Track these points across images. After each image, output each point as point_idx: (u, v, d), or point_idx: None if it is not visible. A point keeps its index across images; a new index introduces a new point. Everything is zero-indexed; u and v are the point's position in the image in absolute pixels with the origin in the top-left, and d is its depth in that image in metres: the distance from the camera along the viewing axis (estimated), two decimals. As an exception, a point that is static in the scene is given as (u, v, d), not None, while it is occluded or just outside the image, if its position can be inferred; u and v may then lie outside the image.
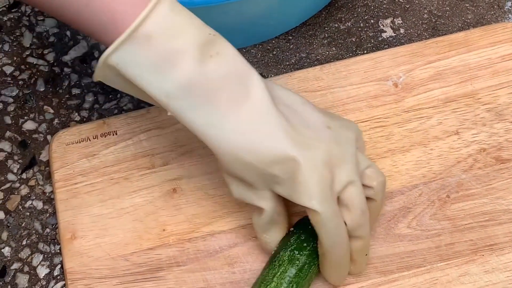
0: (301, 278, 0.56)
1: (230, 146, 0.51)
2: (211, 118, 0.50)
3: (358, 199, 0.53)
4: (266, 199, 0.53)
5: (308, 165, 0.50)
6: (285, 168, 0.51)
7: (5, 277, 0.64)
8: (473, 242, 0.60)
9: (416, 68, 0.68)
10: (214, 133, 0.51)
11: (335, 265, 0.56)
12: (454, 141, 0.64)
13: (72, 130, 0.68)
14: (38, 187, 0.68)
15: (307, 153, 0.51)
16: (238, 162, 0.51)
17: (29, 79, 0.73)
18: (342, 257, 0.55)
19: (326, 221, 0.51)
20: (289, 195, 0.52)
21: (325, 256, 0.55)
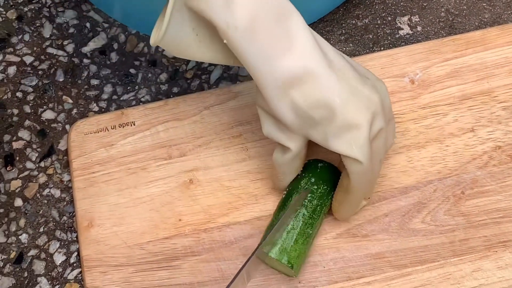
0: (315, 219, 0.59)
1: (280, 83, 0.51)
2: (265, 53, 0.51)
3: (382, 150, 0.55)
4: (295, 141, 0.55)
5: (352, 111, 0.52)
6: (327, 113, 0.52)
7: (22, 263, 0.65)
8: (487, 238, 0.61)
9: (433, 65, 0.68)
10: (267, 68, 0.51)
11: (354, 204, 0.59)
12: (470, 138, 0.65)
13: (90, 120, 0.69)
14: (56, 176, 0.69)
15: (353, 99, 0.52)
16: (284, 100, 0.52)
17: (48, 69, 0.74)
18: (362, 197, 0.58)
19: (366, 170, 0.53)
20: (324, 140, 0.53)
21: (348, 197, 0.57)
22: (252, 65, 0.51)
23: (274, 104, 0.52)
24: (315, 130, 0.53)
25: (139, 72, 0.74)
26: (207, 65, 0.73)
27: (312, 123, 0.52)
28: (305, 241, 0.58)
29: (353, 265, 0.61)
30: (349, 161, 0.53)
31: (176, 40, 0.53)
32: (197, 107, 0.68)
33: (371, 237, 0.62)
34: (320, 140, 0.53)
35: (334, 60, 0.53)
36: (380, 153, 0.55)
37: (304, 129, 0.53)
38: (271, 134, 0.55)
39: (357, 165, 0.53)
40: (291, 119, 0.53)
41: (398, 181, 0.63)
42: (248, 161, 0.66)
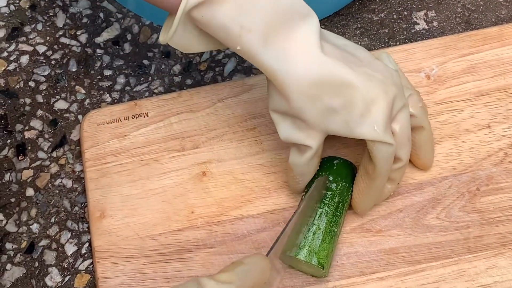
0: (338, 217, 0.59)
1: (297, 79, 0.52)
2: (279, 53, 0.51)
3: (407, 129, 0.55)
4: (314, 138, 0.54)
5: (370, 96, 0.52)
6: (347, 100, 0.52)
7: (33, 253, 0.65)
8: (502, 235, 0.60)
9: (449, 60, 0.68)
10: (282, 67, 0.51)
11: (377, 192, 0.58)
12: (486, 135, 0.64)
13: (103, 111, 0.68)
14: (68, 166, 0.68)
15: (369, 83, 0.53)
16: (304, 96, 0.52)
17: (61, 59, 0.74)
18: (384, 182, 0.58)
19: (389, 150, 0.54)
20: (347, 129, 0.53)
21: (372, 184, 0.57)
22: (270, 68, 0.52)
23: (299, 104, 0.52)
24: (335, 122, 0.53)
25: (153, 63, 0.73)
26: (221, 57, 0.73)
27: (333, 114, 0.52)
28: (332, 239, 0.57)
29: (367, 260, 0.60)
30: (373, 144, 0.53)
31: (182, 41, 0.54)
32: (211, 99, 0.68)
33: (385, 233, 0.61)
34: (342, 130, 0.53)
35: (349, 51, 0.54)
36: (406, 133, 0.55)
37: (324, 123, 0.53)
38: (289, 136, 0.55)
39: (382, 146, 0.53)
40: (314, 116, 0.53)
41: (412, 177, 0.63)
42: (262, 154, 0.65)
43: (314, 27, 0.52)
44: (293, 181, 0.60)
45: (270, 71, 0.52)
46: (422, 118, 0.58)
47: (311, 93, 0.52)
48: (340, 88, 0.52)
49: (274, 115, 0.55)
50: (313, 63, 0.52)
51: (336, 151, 0.64)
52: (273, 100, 0.54)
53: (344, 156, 0.62)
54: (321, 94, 0.52)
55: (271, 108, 0.55)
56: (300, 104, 0.52)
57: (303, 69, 0.51)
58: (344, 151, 0.64)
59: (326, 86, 0.52)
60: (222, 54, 0.73)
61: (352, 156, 0.64)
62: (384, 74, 0.54)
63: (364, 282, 0.59)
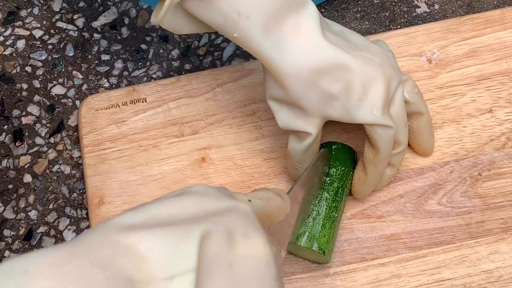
0: (338, 202, 0.58)
1: (294, 67, 0.51)
2: (277, 41, 0.51)
3: (402, 113, 0.55)
4: (313, 125, 0.54)
5: (368, 80, 0.52)
6: (345, 85, 0.51)
7: (31, 240, 0.64)
8: (504, 220, 0.60)
9: (450, 44, 0.67)
10: (279, 55, 0.51)
11: (377, 176, 0.57)
12: (488, 119, 0.64)
13: (101, 96, 0.68)
14: (65, 152, 0.68)
15: (367, 67, 0.52)
16: (301, 84, 0.51)
17: (58, 43, 0.73)
18: (385, 167, 0.57)
19: (389, 133, 0.53)
20: (346, 115, 0.53)
21: (372, 168, 0.56)
22: (268, 56, 0.51)
23: (297, 92, 0.52)
24: (333, 107, 0.52)
25: (151, 48, 0.72)
26: (219, 41, 0.72)
27: (331, 100, 0.52)
28: (332, 225, 0.57)
29: (368, 246, 0.60)
30: (372, 129, 0.53)
31: (172, 24, 0.53)
32: (210, 84, 0.67)
33: (386, 218, 0.61)
34: (341, 116, 0.53)
35: (345, 37, 0.54)
36: (402, 116, 0.55)
37: (322, 109, 0.53)
38: (288, 124, 0.55)
39: (381, 130, 0.53)
40: (312, 103, 0.52)
41: (414, 162, 0.63)
42: (261, 139, 0.65)
43: (313, 14, 0.51)
44: (292, 168, 0.59)
45: (268, 59, 0.51)
46: (419, 103, 0.57)
47: (309, 80, 0.51)
48: (338, 73, 0.51)
49: (271, 102, 0.55)
50: (312, 50, 0.51)
51: (337, 137, 0.64)
52: (270, 88, 0.54)
53: (345, 141, 0.62)
54: (319, 81, 0.51)
55: (269, 96, 0.54)
56: (298, 91, 0.52)
57: (301, 56, 0.51)
58: (345, 136, 0.64)
59: (324, 72, 0.51)
60: (221, 38, 0.72)
61: (353, 141, 0.63)
62: (381, 57, 0.54)
63: (365, 268, 0.59)
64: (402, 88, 0.55)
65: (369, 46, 0.55)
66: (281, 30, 0.51)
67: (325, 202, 0.57)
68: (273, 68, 0.51)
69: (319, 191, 0.58)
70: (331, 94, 0.52)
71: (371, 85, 0.52)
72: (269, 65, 0.52)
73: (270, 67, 0.52)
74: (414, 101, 0.57)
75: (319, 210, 0.57)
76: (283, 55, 0.51)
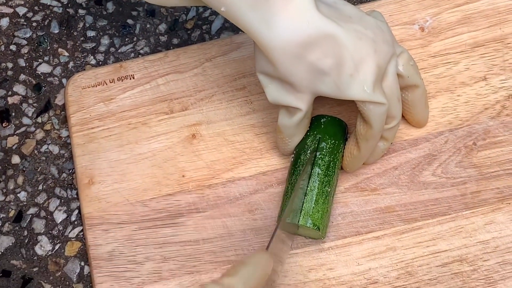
0: (330, 176, 0.57)
1: (282, 41, 0.50)
2: (265, 15, 0.49)
3: (396, 88, 0.54)
4: (303, 100, 0.53)
5: (359, 56, 0.50)
6: (335, 60, 0.50)
7: (21, 222, 0.63)
8: (500, 190, 0.59)
9: (443, 11, 0.65)
10: (267, 29, 0.49)
11: (368, 151, 0.56)
12: (482, 87, 0.63)
13: (88, 74, 0.66)
14: (53, 132, 0.67)
15: (359, 42, 0.51)
16: (289, 57, 0.50)
17: (42, 20, 0.71)
18: (376, 143, 0.56)
19: (381, 110, 0.52)
20: (337, 91, 0.51)
21: (363, 143, 0.55)
22: (257, 30, 0.50)
23: (286, 67, 0.51)
24: (324, 83, 0.51)
25: (137, 22, 0.71)
26: (208, 14, 0.71)
27: (321, 76, 0.51)
28: (326, 200, 0.56)
29: (362, 220, 0.59)
30: (363, 105, 0.52)
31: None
32: (199, 59, 0.66)
33: (380, 191, 0.60)
34: (331, 92, 0.52)
35: (338, 8, 0.53)
36: (395, 91, 0.54)
37: (312, 85, 0.51)
38: (278, 98, 0.54)
39: (373, 106, 0.52)
40: (301, 78, 0.51)
41: (407, 133, 0.61)
42: (252, 114, 0.64)
43: None
44: (282, 143, 0.58)
45: (256, 33, 0.50)
46: (414, 77, 0.56)
47: (298, 54, 0.50)
48: (328, 47, 0.50)
49: (261, 76, 0.53)
50: (302, 23, 0.49)
51: (330, 109, 0.63)
52: (260, 62, 0.52)
53: (338, 114, 0.61)
54: (308, 55, 0.50)
55: (258, 69, 0.53)
56: (286, 66, 0.51)
57: (290, 30, 0.49)
58: (337, 109, 0.63)
59: (314, 45, 0.50)
60: (209, 11, 0.71)
61: (346, 114, 0.62)
62: (374, 31, 0.52)
63: (360, 241, 0.58)
64: (395, 63, 0.54)
65: (363, 18, 0.53)
66: (269, 3, 0.49)
67: (317, 177, 0.56)
68: (261, 42, 0.50)
69: (311, 166, 0.57)
70: (321, 69, 0.50)
71: (362, 62, 0.51)
72: (257, 40, 0.50)
73: (258, 42, 0.50)
74: (409, 74, 0.55)
75: (311, 185, 0.56)
76: (271, 30, 0.49)
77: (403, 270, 0.57)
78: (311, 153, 0.57)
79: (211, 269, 0.58)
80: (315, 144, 0.58)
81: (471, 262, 0.57)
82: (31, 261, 0.62)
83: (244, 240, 0.59)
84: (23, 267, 0.62)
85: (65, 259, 0.62)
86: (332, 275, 0.57)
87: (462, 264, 0.57)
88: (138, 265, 0.59)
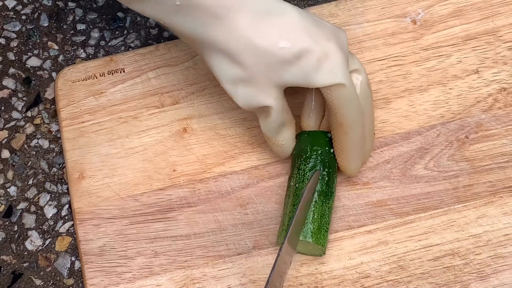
0: (331, 187, 0.57)
1: (241, 33, 0.50)
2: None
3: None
4: (272, 96, 0.53)
5: (324, 41, 0.51)
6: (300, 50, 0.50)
7: (12, 217, 0.63)
8: (492, 183, 0.59)
9: (435, 4, 0.65)
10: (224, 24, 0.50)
11: (357, 143, 0.55)
12: (474, 80, 0.62)
13: (78, 67, 0.66)
14: (43, 126, 0.66)
15: (318, 29, 0.51)
16: (249, 50, 0.50)
17: (32, 13, 0.71)
18: (362, 133, 0.55)
19: (353, 94, 0.52)
20: (305, 79, 0.51)
21: (347, 135, 0.54)
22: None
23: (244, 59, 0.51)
24: (290, 73, 0.51)
25: (128, 15, 0.70)
26: (198, 7, 0.70)
27: (285, 66, 0.51)
28: (328, 215, 0.56)
29: (354, 214, 0.59)
30: (335, 90, 0.51)
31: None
32: (190, 52, 0.65)
33: (372, 185, 0.60)
34: (300, 80, 0.51)
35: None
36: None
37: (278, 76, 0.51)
38: (248, 100, 0.53)
39: (343, 89, 0.51)
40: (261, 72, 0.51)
41: (399, 126, 0.61)
42: (244, 107, 0.63)
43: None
44: (278, 147, 0.58)
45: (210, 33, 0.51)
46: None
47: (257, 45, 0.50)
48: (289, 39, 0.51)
49: (227, 87, 0.53)
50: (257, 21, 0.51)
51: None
52: (223, 70, 0.52)
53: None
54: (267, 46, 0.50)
55: (224, 81, 0.53)
56: (247, 61, 0.51)
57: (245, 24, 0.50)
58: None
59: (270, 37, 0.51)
60: (200, 3, 0.70)
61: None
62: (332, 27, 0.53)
63: (352, 236, 0.58)
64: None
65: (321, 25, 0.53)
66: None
67: (316, 194, 0.56)
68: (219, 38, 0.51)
69: (312, 185, 0.56)
70: (287, 61, 0.50)
71: (328, 47, 0.51)
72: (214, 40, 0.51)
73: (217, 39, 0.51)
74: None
75: (314, 205, 0.56)
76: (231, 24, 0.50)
77: (395, 264, 0.57)
78: (311, 152, 0.57)
79: (202, 264, 0.58)
80: (312, 141, 0.57)
81: (463, 256, 0.57)
82: (21, 256, 0.62)
83: (236, 235, 0.59)
84: (13, 262, 0.62)
85: (56, 254, 0.62)
86: (324, 269, 0.57)
87: (454, 258, 0.57)
88: (129, 260, 0.59)
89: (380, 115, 0.62)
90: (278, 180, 0.60)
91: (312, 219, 0.55)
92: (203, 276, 0.58)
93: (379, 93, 0.62)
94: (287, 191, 0.58)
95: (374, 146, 0.61)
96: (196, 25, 0.51)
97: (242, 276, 0.58)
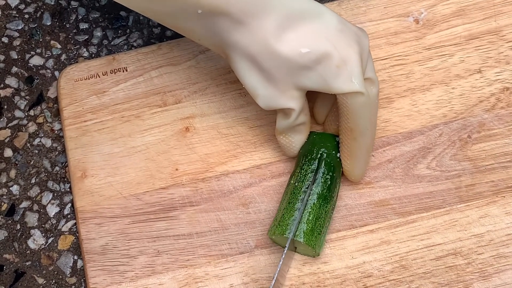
0: (332, 191, 0.56)
1: (262, 38, 0.50)
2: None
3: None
4: (294, 98, 0.53)
5: (344, 47, 0.50)
6: (320, 55, 0.50)
7: (14, 216, 0.63)
8: (494, 183, 0.59)
9: (438, 3, 0.65)
10: (247, 29, 0.50)
11: (364, 150, 0.56)
12: (477, 80, 0.62)
13: (80, 66, 0.66)
14: (46, 125, 0.66)
15: (341, 34, 0.51)
16: (270, 55, 0.50)
17: (35, 12, 0.71)
18: (371, 141, 0.55)
19: (368, 102, 0.52)
20: (324, 84, 0.51)
21: (356, 142, 0.54)
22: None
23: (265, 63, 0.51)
24: (309, 79, 0.51)
25: (130, 14, 0.70)
26: (201, 6, 0.70)
27: (305, 71, 0.51)
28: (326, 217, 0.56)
29: (356, 213, 0.59)
30: (351, 97, 0.51)
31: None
32: (192, 51, 0.65)
33: (374, 184, 0.60)
34: (319, 85, 0.51)
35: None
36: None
37: (297, 80, 0.51)
38: (269, 102, 0.53)
39: (360, 97, 0.51)
40: (282, 76, 0.51)
41: (402, 126, 0.61)
42: (246, 107, 0.63)
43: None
44: (288, 145, 0.58)
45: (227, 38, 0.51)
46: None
47: (277, 51, 0.50)
48: (312, 46, 0.50)
49: (248, 86, 0.53)
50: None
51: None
52: (243, 69, 0.52)
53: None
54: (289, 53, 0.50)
55: (245, 80, 0.53)
56: (267, 65, 0.51)
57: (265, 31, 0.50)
58: (331, 101, 0.62)
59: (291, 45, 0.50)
60: (203, 3, 0.70)
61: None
62: (356, 29, 0.53)
63: (354, 235, 0.58)
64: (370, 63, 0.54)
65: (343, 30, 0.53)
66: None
67: (328, 178, 0.56)
68: (242, 44, 0.51)
69: (312, 186, 0.56)
70: (306, 66, 0.50)
71: (347, 54, 0.50)
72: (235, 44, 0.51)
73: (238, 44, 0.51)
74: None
75: (324, 184, 0.56)
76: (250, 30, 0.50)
77: (397, 264, 0.57)
78: (318, 152, 0.57)
79: (204, 262, 0.58)
80: (321, 142, 0.57)
81: (465, 256, 0.57)
82: (24, 255, 0.62)
83: (238, 234, 0.59)
84: (15, 261, 0.62)
85: (58, 253, 0.62)
86: (327, 268, 0.57)
87: (456, 257, 0.57)
88: (132, 259, 0.59)
89: (383, 114, 0.62)
90: (280, 180, 0.60)
91: (307, 220, 0.55)
92: (206, 275, 0.58)
93: (381, 92, 0.62)
94: (286, 187, 0.58)
95: (376, 146, 0.61)
96: (217, 30, 0.51)
97: (245, 275, 0.58)
